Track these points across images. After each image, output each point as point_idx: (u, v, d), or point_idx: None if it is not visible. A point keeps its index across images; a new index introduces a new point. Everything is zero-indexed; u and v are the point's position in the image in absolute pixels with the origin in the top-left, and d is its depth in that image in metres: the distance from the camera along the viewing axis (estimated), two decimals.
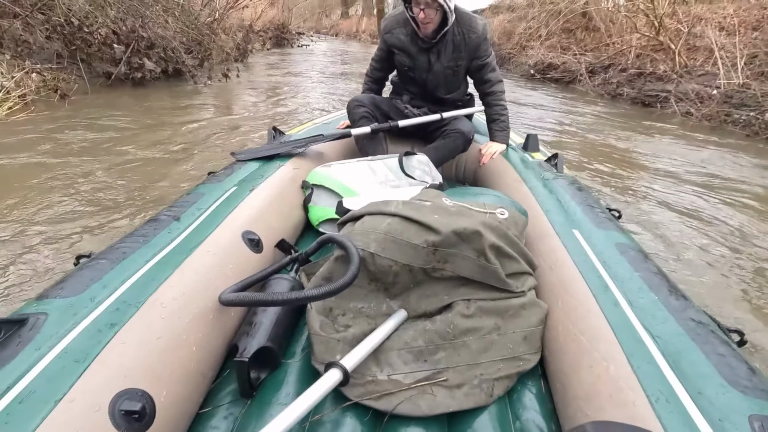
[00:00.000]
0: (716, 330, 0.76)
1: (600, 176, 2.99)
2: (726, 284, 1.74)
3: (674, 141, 4.12)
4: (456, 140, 1.75)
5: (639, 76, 6.47)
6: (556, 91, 7.34)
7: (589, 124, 4.75)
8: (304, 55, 11.93)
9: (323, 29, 27.41)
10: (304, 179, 1.45)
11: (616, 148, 3.76)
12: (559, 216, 1.20)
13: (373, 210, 1.00)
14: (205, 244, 0.95)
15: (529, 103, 6.04)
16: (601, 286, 0.89)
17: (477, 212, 0.99)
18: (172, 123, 3.71)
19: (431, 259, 0.91)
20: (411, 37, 1.69)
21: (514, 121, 4.50)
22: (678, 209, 2.45)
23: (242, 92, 5.47)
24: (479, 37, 1.67)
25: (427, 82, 1.79)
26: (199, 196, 1.15)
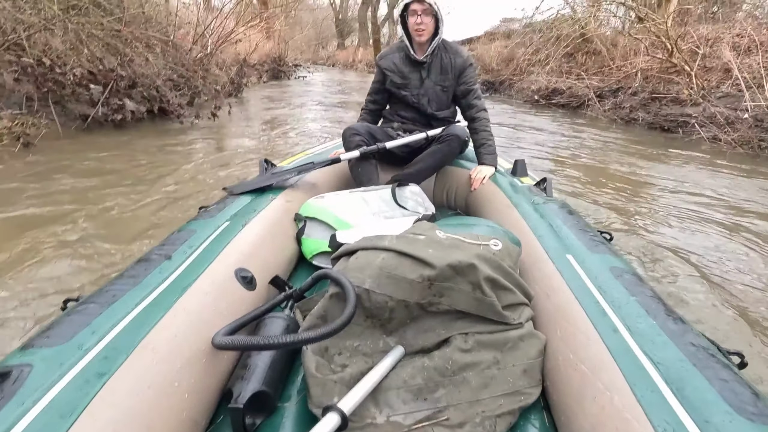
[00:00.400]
0: (716, 353, 0.76)
1: (616, 204, 2.84)
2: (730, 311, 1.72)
3: (702, 168, 3.83)
4: (451, 143, 1.78)
5: (653, 99, 6.16)
6: (564, 117, 7.07)
7: (604, 151, 4.50)
8: (302, 86, 11.77)
9: (320, 60, 28.10)
10: (297, 212, 1.45)
11: (636, 177, 3.54)
12: (552, 241, 1.21)
13: (366, 245, 0.99)
14: (197, 284, 0.93)
15: (535, 128, 5.87)
16: (599, 312, 0.89)
17: (471, 244, 0.99)
18: (157, 163, 3.45)
19: (427, 293, 0.90)
20: (404, 59, 1.89)
21: (521, 147, 4.51)
22: (705, 241, 2.30)
23: (236, 127, 5.31)
24: (465, 61, 1.86)
25: (419, 98, 1.91)
26: (191, 232, 1.14)
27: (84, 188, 2.75)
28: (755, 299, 1.76)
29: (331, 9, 29.07)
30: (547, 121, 6.54)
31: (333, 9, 28.68)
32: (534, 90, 8.60)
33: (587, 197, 2.98)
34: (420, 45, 1.84)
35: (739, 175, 3.57)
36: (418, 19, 1.73)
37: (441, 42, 1.85)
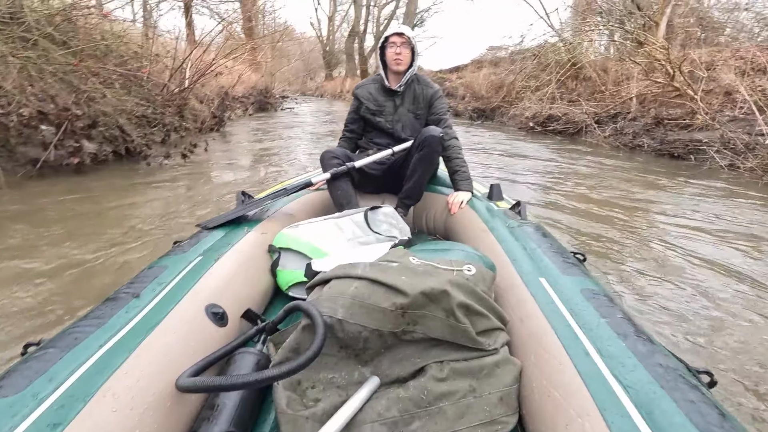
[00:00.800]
0: (685, 374, 0.77)
1: (609, 230, 2.77)
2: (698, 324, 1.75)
3: (714, 195, 3.64)
4: (432, 144, 1.80)
5: (657, 125, 5.94)
6: (561, 144, 6.86)
7: (605, 178, 4.34)
8: (289, 117, 11.59)
9: (309, 91, 28.33)
10: (271, 243, 1.43)
11: (636, 204, 3.42)
12: (526, 265, 1.22)
13: (340, 273, 0.99)
14: (165, 322, 0.90)
15: (532, 156, 5.70)
16: (571, 335, 0.89)
17: (444, 270, 0.99)
18: (125, 206, 3.08)
19: (401, 321, 0.89)
20: (379, 89, 1.99)
21: (517, 174, 4.43)
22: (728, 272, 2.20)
23: (216, 162, 4.97)
24: (435, 92, 1.99)
25: (394, 124, 1.98)
26: (162, 269, 1.11)
27: (36, 239, 2.41)
28: (728, 316, 1.79)
29: (318, 41, 29.62)
30: (544, 148, 6.39)
31: (320, 41, 29.21)
32: (528, 117, 8.48)
33: (579, 223, 2.94)
34: (395, 75, 1.95)
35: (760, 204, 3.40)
36: (397, 50, 1.85)
37: (414, 74, 1.96)
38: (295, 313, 0.97)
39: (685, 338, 1.63)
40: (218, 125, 7.35)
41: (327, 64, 28.97)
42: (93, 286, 1.93)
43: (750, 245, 2.56)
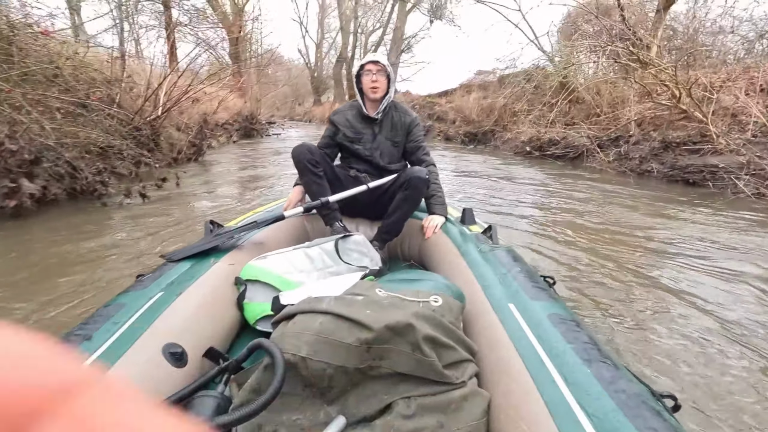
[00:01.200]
0: (648, 399, 0.77)
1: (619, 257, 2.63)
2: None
3: (747, 229, 3.34)
4: (417, 185, 1.80)
5: (665, 149, 5.61)
6: (562, 169, 6.54)
7: (611, 205, 4.06)
8: (275, 143, 11.15)
9: (297, 116, 28.12)
10: (238, 275, 1.40)
11: (634, 231, 3.22)
12: (496, 290, 1.22)
13: (305, 308, 0.97)
14: (117, 366, 0.86)
15: (528, 182, 5.44)
16: (537, 363, 0.89)
17: (410, 302, 0.98)
18: (80, 249, 2.66)
19: (366, 357, 0.87)
20: (356, 116, 2.00)
21: (517, 202, 4.20)
22: None
23: (192, 194, 4.50)
24: (413, 120, 2.01)
25: (372, 152, 1.98)
26: (119, 307, 1.06)
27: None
28: (696, 340, 1.82)
29: (306, 67, 29.74)
30: (540, 174, 6.14)
31: (308, 68, 29.35)
32: (524, 141, 8.21)
33: (571, 251, 2.80)
34: (372, 103, 1.95)
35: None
36: (373, 77, 1.87)
37: (391, 102, 1.98)
38: (259, 350, 0.94)
39: (653, 362, 1.65)
40: (197, 154, 6.83)
41: (315, 90, 29.08)
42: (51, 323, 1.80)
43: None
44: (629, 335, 1.81)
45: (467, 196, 4.59)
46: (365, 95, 1.94)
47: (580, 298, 2.15)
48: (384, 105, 1.94)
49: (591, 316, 1.97)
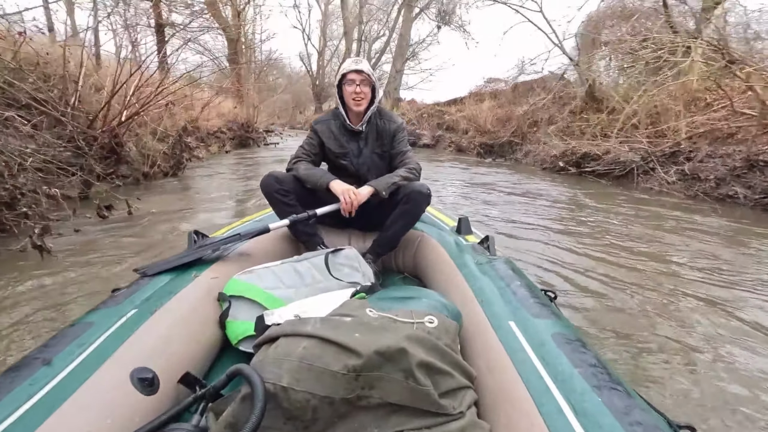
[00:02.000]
0: (666, 430, 0.70)
1: None
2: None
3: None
4: (417, 200, 1.70)
5: (750, 168, 4.56)
6: (607, 189, 5.61)
7: (708, 247, 3.15)
8: (272, 153, 10.22)
9: (298, 125, 27.41)
10: (221, 291, 1.31)
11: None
12: (495, 306, 1.15)
13: (288, 331, 0.88)
14: (77, 396, 0.77)
15: (579, 207, 4.53)
16: (542, 389, 0.81)
17: (403, 324, 0.91)
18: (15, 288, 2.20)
19: (354, 386, 0.79)
20: (340, 128, 1.88)
21: (566, 232, 3.46)
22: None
23: (163, 214, 3.79)
24: (399, 126, 1.89)
25: (359, 167, 1.88)
26: (86, 326, 0.98)
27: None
28: (713, 363, 1.71)
29: (308, 75, 29.34)
30: (586, 196, 5.09)
31: (309, 75, 29.06)
32: (556, 155, 7.23)
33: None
34: (356, 114, 1.84)
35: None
36: (356, 89, 1.74)
37: (376, 109, 1.87)
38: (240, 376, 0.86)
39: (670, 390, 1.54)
40: (176, 168, 5.95)
41: (317, 97, 28.72)
42: None
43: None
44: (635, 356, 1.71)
45: (492, 221, 3.92)
46: (347, 106, 1.82)
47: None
48: (368, 116, 1.83)
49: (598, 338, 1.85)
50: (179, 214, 3.94)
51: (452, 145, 11.96)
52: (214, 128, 10.00)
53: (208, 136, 9.44)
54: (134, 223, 3.56)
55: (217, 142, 9.81)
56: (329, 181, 1.72)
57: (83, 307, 1.91)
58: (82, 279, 2.39)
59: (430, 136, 13.04)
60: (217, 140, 9.81)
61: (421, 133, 13.19)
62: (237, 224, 1.98)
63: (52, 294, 2.21)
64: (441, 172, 7.72)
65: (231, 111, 12.07)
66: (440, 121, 13.39)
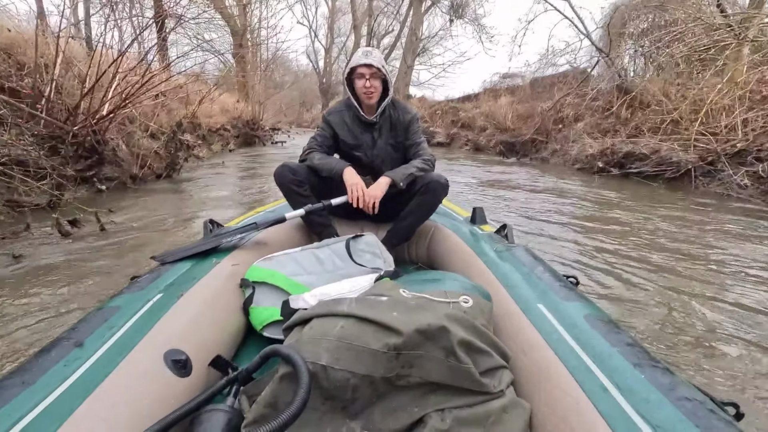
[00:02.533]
0: (713, 407, 0.69)
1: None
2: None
3: None
4: (436, 190, 1.68)
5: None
6: (666, 192, 4.88)
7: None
8: (278, 152, 9.60)
9: (305, 123, 26.78)
10: (243, 277, 1.30)
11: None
12: (521, 290, 1.14)
13: (322, 311, 0.87)
14: (113, 377, 0.76)
15: (640, 217, 3.72)
16: (582, 368, 0.80)
17: (439, 303, 0.89)
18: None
19: (394, 365, 0.78)
20: (354, 119, 1.84)
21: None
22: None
23: (143, 229, 3.11)
24: (413, 117, 1.85)
25: (373, 159, 1.85)
26: (114, 310, 0.96)
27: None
28: (746, 340, 1.66)
29: (314, 72, 28.72)
30: (637, 203, 4.32)
31: (317, 73, 28.52)
32: (593, 154, 6.53)
33: None
34: (369, 106, 1.80)
35: None
36: (366, 83, 1.70)
37: (389, 100, 1.82)
38: (272, 358, 0.84)
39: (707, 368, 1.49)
40: (169, 170, 5.37)
41: (324, 95, 28.09)
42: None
43: None
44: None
45: (530, 232, 3.30)
46: (359, 99, 1.79)
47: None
48: (382, 107, 1.80)
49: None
50: (164, 229, 3.16)
51: (469, 144, 11.26)
52: (217, 125, 9.46)
53: (210, 133, 8.88)
54: (106, 243, 2.73)
55: (221, 141, 9.27)
56: (344, 168, 1.70)
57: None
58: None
59: (444, 134, 12.37)
60: (220, 138, 9.31)
61: (435, 130, 12.55)
62: (250, 214, 1.96)
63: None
64: (460, 171, 7.00)
65: (235, 107, 11.46)
66: (455, 118, 12.69)
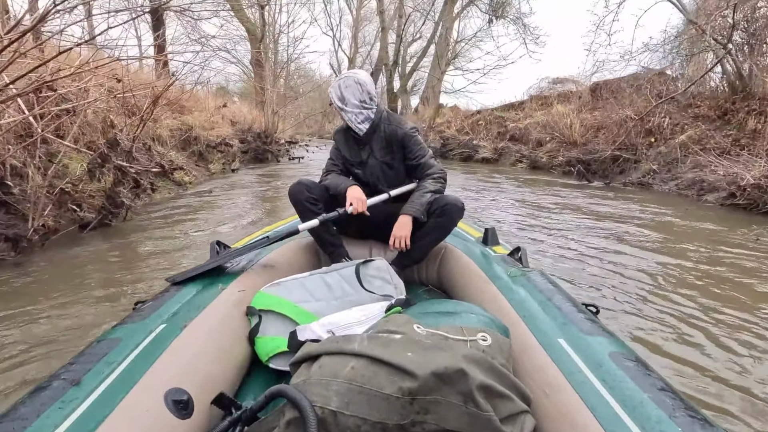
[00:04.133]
0: None
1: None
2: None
3: None
4: (452, 213, 1.65)
5: None
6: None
7: None
8: (292, 170, 7.89)
9: (327, 134, 24.55)
10: (249, 304, 1.26)
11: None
12: (539, 321, 1.09)
13: (332, 348, 0.82)
14: (111, 420, 0.71)
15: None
16: (610, 415, 0.75)
17: (456, 342, 0.84)
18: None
19: (409, 410, 0.73)
20: (349, 137, 1.83)
21: None
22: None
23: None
24: (407, 133, 1.75)
25: (368, 177, 1.83)
26: (114, 343, 0.92)
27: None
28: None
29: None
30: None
31: None
32: (753, 184, 4.43)
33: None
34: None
35: None
36: None
37: (384, 114, 1.78)
38: (279, 398, 0.80)
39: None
40: (104, 216, 3.33)
41: None
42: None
43: None
44: None
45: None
46: None
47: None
48: (371, 122, 1.75)
49: None
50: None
51: (523, 160, 9.33)
52: (218, 138, 7.81)
53: (209, 149, 7.20)
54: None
55: (224, 158, 7.63)
56: (348, 186, 1.70)
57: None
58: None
59: (491, 148, 10.58)
60: (222, 155, 7.63)
61: (479, 144, 10.84)
62: (256, 234, 1.93)
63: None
64: (520, 203, 5.10)
65: (244, 117, 10.13)
66: (501, 129, 10.87)
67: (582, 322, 1.05)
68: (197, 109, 7.70)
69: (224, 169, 7.35)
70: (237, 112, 10.48)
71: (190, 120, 6.88)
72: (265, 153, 9.52)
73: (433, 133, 12.46)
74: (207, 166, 6.86)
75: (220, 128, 8.34)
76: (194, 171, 6.36)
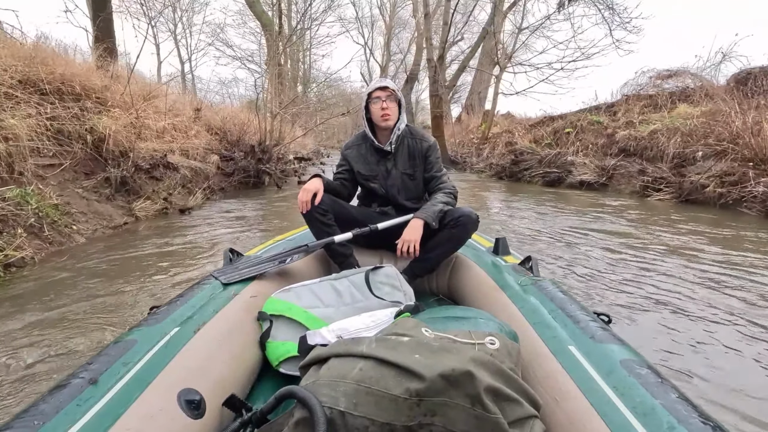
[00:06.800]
0: None
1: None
2: None
3: None
4: (466, 225, 1.66)
5: None
6: None
7: None
8: (288, 210, 4.93)
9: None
10: (261, 310, 1.28)
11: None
12: (550, 330, 1.08)
13: (341, 351, 0.83)
14: (125, 418, 0.73)
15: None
16: (621, 422, 0.74)
17: (464, 345, 0.85)
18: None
19: (416, 412, 0.73)
20: (369, 149, 1.86)
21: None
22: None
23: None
24: (431, 146, 1.85)
25: (388, 189, 1.85)
26: (130, 345, 0.95)
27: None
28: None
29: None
30: None
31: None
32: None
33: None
34: (384, 132, 1.82)
35: None
36: (383, 105, 1.74)
37: (406, 128, 1.85)
38: (289, 399, 0.81)
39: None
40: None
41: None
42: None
43: None
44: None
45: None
46: (375, 125, 1.81)
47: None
48: (396, 134, 1.80)
49: None
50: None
51: (661, 187, 5.87)
52: (159, 155, 4.80)
53: (140, 174, 4.36)
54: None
55: (182, 191, 4.80)
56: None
57: None
58: None
59: (594, 167, 7.13)
60: (162, 185, 4.60)
61: (574, 160, 7.52)
62: (269, 243, 1.96)
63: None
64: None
65: (234, 123, 7.45)
66: (603, 140, 7.66)
67: (593, 329, 1.05)
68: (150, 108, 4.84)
69: (166, 210, 4.35)
70: (235, 115, 7.99)
71: (106, 121, 4.06)
72: (261, 174, 6.68)
73: (490, 146, 9.92)
74: (130, 208, 4.04)
75: (190, 141, 5.75)
76: (88, 217, 3.52)
